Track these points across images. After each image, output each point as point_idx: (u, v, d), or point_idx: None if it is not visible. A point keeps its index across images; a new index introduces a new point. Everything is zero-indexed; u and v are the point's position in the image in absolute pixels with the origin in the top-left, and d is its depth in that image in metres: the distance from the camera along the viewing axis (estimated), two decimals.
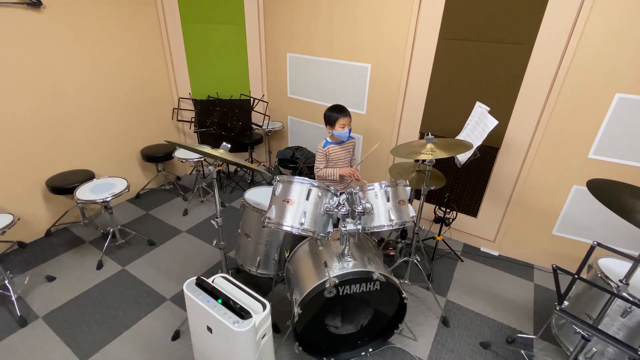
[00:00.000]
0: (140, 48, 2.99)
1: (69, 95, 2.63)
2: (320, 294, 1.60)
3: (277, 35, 3.23)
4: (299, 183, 1.62)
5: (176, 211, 3.12)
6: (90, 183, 2.48)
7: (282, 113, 3.55)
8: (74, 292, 2.21)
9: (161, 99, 3.32)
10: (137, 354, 1.82)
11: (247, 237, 2.09)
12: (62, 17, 2.44)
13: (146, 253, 2.58)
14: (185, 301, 1.47)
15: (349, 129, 2.16)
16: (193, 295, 1.42)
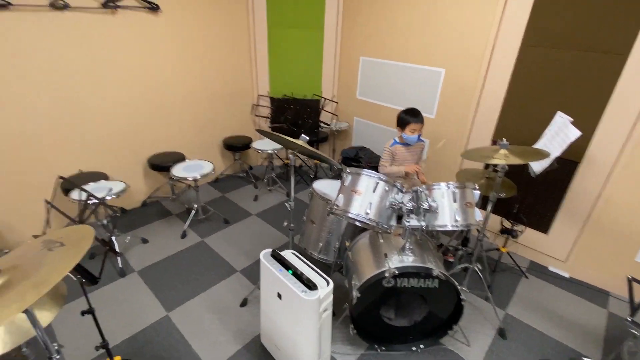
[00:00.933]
0: (230, 48, 3.37)
1: (171, 86, 3.07)
2: (379, 283, 1.70)
3: (353, 39, 3.39)
4: (367, 176, 1.74)
5: (248, 196, 3.44)
6: (183, 163, 2.88)
7: (349, 114, 3.70)
8: (163, 254, 2.59)
9: (243, 95, 3.68)
10: (211, 314, 2.09)
11: (312, 224, 2.26)
12: (174, 20, 2.87)
13: (221, 229, 2.91)
14: (256, 273, 1.68)
15: (419, 135, 2.23)
16: (268, 264, 1.62)
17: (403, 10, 2.89)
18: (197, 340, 1.92)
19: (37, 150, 2.48)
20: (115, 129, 2.83)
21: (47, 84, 2.39)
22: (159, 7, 2.72)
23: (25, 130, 2.39)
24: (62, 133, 2.56)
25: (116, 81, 2.71)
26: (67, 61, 2.43)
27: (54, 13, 2.28)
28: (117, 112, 2.80)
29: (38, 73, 2.33)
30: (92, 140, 2.73)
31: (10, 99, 2.27)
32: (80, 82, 2.53)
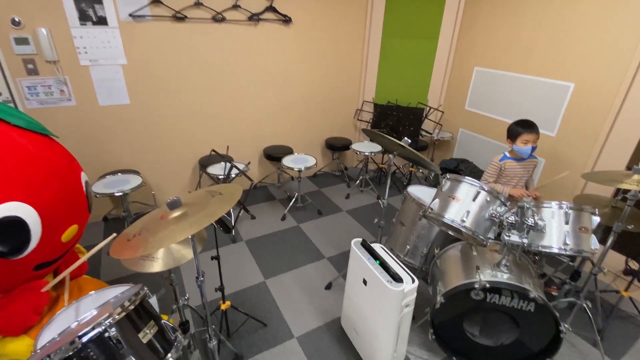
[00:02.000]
0: (345, 57, 3.65)
1: (292, 87, 3.49)
2: (466, 293, 1.67)
3: (469, 49, 3.30)
4: (468, 183, 1.73)
5: (340, 194, 3.66)
6: (291, 156, 3.25)
7: (454, 124, 3.60)
8: (265, 231, 2.97)
9: (349, 100, 3.93)
10: (299, 290, 2.34)
11: (402, 226, 2.32)
12: (301, 31, 3.27)
13: (315, 219, 3.18)
14: (341, 262, 1.83)
15: (532, 147, 2.08)
16: (358, 251, 1.77)
17: (529, 20, 2.72)
18: (286, 308, 2.18)
19: (187, 131, 3.13)
20: (244, 119, 3.36)
21: (205, 78, 3.01)
22: (291, 20, 3.15)
23: (180, 114, 3.05)
24: (202, 119, 3.17)
25: (251, 79, 3.23)
26: (221, 61, 3.02)
27: (215, 25, 2.87)
28: (248, 106, 3.33)
29: (200, 69, 2.96)
30: (225, 127, 3.30)
31: (180, 87, 2.94)
32: (226, 78, 3.11)
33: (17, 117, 1.28)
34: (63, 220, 1.30)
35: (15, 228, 1.12)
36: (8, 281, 1.23)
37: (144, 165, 3.01)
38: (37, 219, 1.17)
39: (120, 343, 0.90)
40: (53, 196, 1.24)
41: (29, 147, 1.22)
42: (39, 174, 1.21)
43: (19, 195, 1.12)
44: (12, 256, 1.14)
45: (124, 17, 2.52)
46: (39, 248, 1.21)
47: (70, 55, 2.47)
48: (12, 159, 1.14)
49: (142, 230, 1.02)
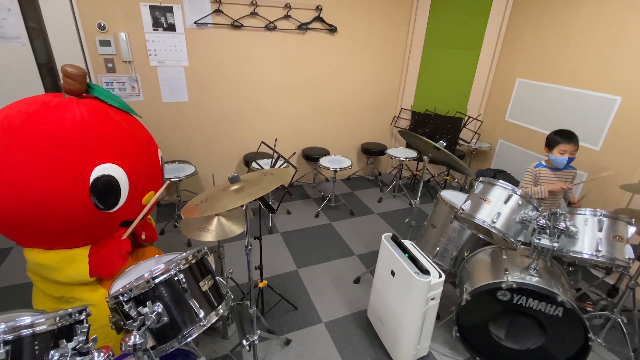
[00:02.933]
0: (386, 64, 3.78)
1: (333, 92, 3.67)
2: (493, 293, 1.72)
3: (511, 60, 3.31)
4: (500, 187, 1.79)
5: (373, 198, 3.76)
6: (328, 157, 3.42)
7: (493, 135, 3.59)
8: (300, 225, 3.15)
9: (387, 106, 4.04)
10: (329, 280, 2.47)
11: (432, 228, 2.39)
12: (347, 39, 3.47)
13: (347, 218, 3.31)
14: (370, 260, 1.94)
15: (570, 158, 2.08)
16: (388, 244, 1.87)
17: (576, 33, 2.70)
18: (316, 296, 2.32)
19: (235, 129, 3.41)
20: (287, 121, 3.60)
21: (254, 81, 3.28)
22: (336, 29, 3.35)
23: (231, 113, 3.33)
24: (249, 118, 3.44)
25: (296, 83, 3.46)
26: (270, 66, 3.28)
27: (267, 32, 3.13)
28: (292, 108, 3.56)
29: (250, 72, 3.24)
30: (269, 126, 3.54)
31: (232, 89, 3.23)
32: (273, 82, 3.36)
33: (113, 99, 1.56)
34: (144, 185, 1.55)
35: (110, 185, 1.37)
36: (101, 232, 1.49)
37: (196, 157, 3.32)
38: (125, 180, 1.42)
39: (186, 286, 1.09)
40: (138, 163, 1.50)
41: (121, 123, 1.48)
42: (128, 145, 1.47)
43: (114, 159, 1.38)
44: (107, 210, 1.40)
45: (189, 24, 2.85)
46: (125, 206, 1.47)
47: (142, 57, 2.83)
48: (109, 131, 1.41)
49: (208, 198, 1.21)
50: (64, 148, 1.27)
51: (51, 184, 1.26)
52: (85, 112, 1.35)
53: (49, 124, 1.27)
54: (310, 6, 3.18)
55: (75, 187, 1.29)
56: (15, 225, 1.30)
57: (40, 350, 0.83)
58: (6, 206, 1.24)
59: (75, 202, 1.31)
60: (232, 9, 2.93)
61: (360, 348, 1.97)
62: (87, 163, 1.31)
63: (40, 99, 1.33)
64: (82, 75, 1.38)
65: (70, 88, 1.37)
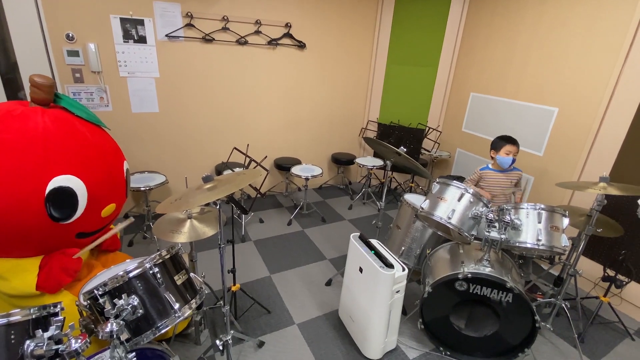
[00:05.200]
0: (353, 79, 4.00)
1: (303, 104, 3.82)
2: (451, 283, 1.87)
3: (465, 76, 3.63)
4: (454, 186, 1.97)
5: (344, 205, 3.89)
6: (299, 166, 3.53)
7: (451, 144, 3.87)
8: (272, 233, 3.20)
9: (355, 118, 4.25)
10: (302, 284, 2.54)
11: (397, 229, 2.54)
12: (315, 54, 3.66)
13: (319, 225, 3.41)
14: (341, 263, 2.05)
15: (513, 159, 2.34)
16: (356, 243, 1.99)
17: (519, 50, 3.04)
18: (289, 300, 2.37)
19: (206, 140, 3.44)
20: (258, 132, 3.68)
21: (225, 93, 3.36)
22: (305, 45, 3.53)
23: (201, 124, 3.38)
24: (220, 130, 3.49)
25: (267, 96, 3.58)
26: (241, 79, 3.38)
27: (238, 47, 3.25)
28: (263, 120, 3.66)
29: (222, 85, 3.31)
30: (241, 138, 3.61)
31: (203, 101, 3.28)
32: (244, 94, 3.45)
33: (80, 110, 1.58)
34: (105, 197, 1.55)
35: (67, 196, 1.37)
36: (55, 243, 1.46)
37: (167, 167, 3.31)
38: (84, 192, 1.42)
39: (161, 280, 1.13)
40: (100, 176, 1.51)
41: (86, 134, 1.50)
42: (91, 156, 1.47)
43: (74, 170, 1.38)
44: (62, 221, 1.39)
45: (161, 37, 2.91)
46: (82, 218, 1.46)
47: (112, 68, 2.83)
48: (72, 142, 1.42)
49: (182, 196, 1.27)
50: (23, 157, 1.27)
51: (8, 192, 1.25)
52: (48, 122, 1.36)
53: (10, 132, 1.27)
54: (280, 23, 3.35)
55: (31, 196, 1.28)
56: None
57: (16, 339, 0.85)
58: None
59: (31, 212, 1.30)
60: (204, 23, 3.03)
61: (332, 346, 2.04)
62: (45, 174, 1.30)
63: (5, 107, 1.33)
64: (49, 85, 1.39)
65: (37, 97, 1.38)
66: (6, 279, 1.39)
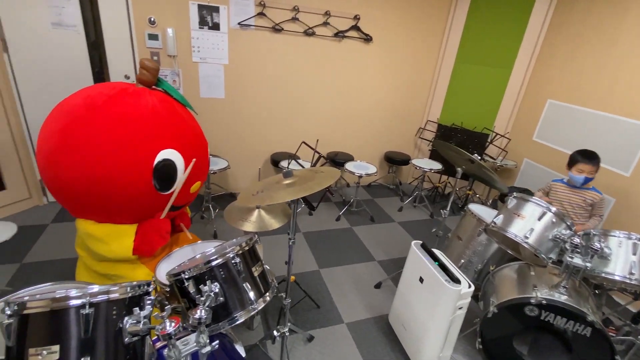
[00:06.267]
0: (416, 76, 3.84)
1: (362, 99, 3.75)
2: (521, 307, 1.73)
3: (543, 81, 3.33)
4: (535, 203, 1.81)
5: (393, 206, 3.79)
6: (353, 162, 3.47)
7: (519, 153, 3.60)
8: (321, 227, 3.20)
9: (413, 117, 4.09)
10: (350, 283, 2.51)
11: (458, 240, 2.42)
12: (380, 49, 3.55)
13: (367, 224, 3.35)
14: (391, 266, 1.98)
15: (586, 178, 2.13)
16: (418, 251, 1.91)
17: (614, 57, 2.72)
18: (337, 297, 2.36)
19: (266, 128, 3.49)
20: (315, 124, 3.68)
21: (288, 83, 3.38)
22: (372, 39, 3.43)
23: (263, 112, 3.43)
24: (280, 119, 3.52)
25: (327, 88, 3.55)
26: (304, 70, 3.38)
27: (305, 38, 3.23)
28: (321, 112, 3.64)
29: (285, 75, 3.33)
30: (298, 129, 3.63)
31: (267, 89, 3.32)
32: (306, 85, 3.45)
33: (177, 94, 1.69)
34: (195, 174, 1.64)
35: (170, 169, 1.46)
36: (150, 212, 1.57)
37: (226, 152, 3.42)
38: (182, 167, 1.51)
39: (241, 270, 1.15)
40: (194, 153, 1.60)
41: (183, 115, 1.58)
42: (188, 136, 1.57)
43: (175, 145, 1.47)
44: (162, 191, 1.48)
45: (233, 24, 2.96)
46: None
47: (186, 52, 2.94)
48: (173, 120, 1.51)
49: (263, 189, 1.28)
50: (137, 130, 1.37)
51: (121, 160, 1.35)
52: (156, 101, 1.45)
53: (126, 107, 1.37)
54: (349, 15, 3.27)
55: (141, 166, 1.39)
56: (80, 196, 1.39)
57: (117, 315, 0.90)
58: (78, 176, 1.33)
59: (140, 180, 1.40)
60: (275, 12, 3.04)
61: (381, 351, 2.00)
62: (155, 146, 1.40)
63: (119, 85, 1.44)
64: (156, 69, 1.50)
65: (144, 79, 1.48)
66: (106, 243, 1.51)
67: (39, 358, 0.78)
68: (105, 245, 1.53)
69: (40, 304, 0.81)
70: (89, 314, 0.85)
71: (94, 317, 0.86)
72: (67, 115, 1.35)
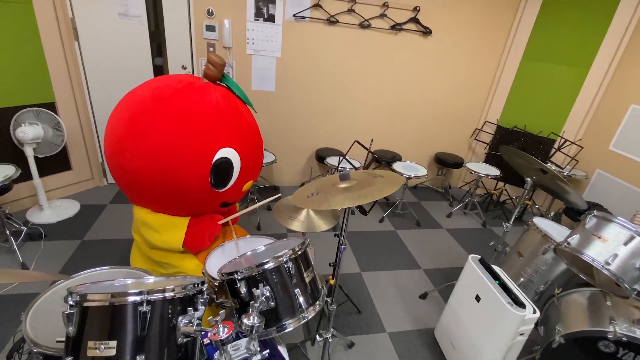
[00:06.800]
0: (476, 73, 3.57)
1: (415, 95, 3.56)
2: (594, 342, 1.53)
3: (627, 83, 2.93)
4: (620, 225, 1.58)
5: (441, 211, 3.59)
6: (401, 162, 3.31)
7: (590, 163, 3.22)
8: (364, 228, 3.10)
9: (469, 117, 3.82)
10: (393, 290, 2.39)
11: (518, 256, 2.20)
12: (439, 43, 3.33)
13: (413, 228, 3.19)
14: (437, 276, 1.83)
15: None
16: (476, 267, 1.75)
17: None
18: (380, 304, 2.26)
19: (313, 122, 3.44)
20: (363, 120, 3.56)
21: (338, 77, 3.29)
22: (431, 32, 3.22)
23: (311, 106, 3.37)
24: (328, 114, 3.45)
25: (378, 83, 3.41)
26: (357, 63, 3.27)
27: (360, 30, 3.11)
28: (370, 108, 3.51)
29: (337, 68, 3.24)
30: (345, 125, 3.53)
31: (316, 83, 3.26)
32: (357, 80, 3.34)
33: (239, 90, 1.68)
34: (248, 173, 1.62)
35: (227, 167, 1.45)
36: (204, 207, 1.58)
37: (272, 145, 3.42)
38: (239, 166, 1.49)
39: (293, 275, 1.10)
40: (249, 153, 1.58)
41: (244, 113, 1.57)
42: (246, 134, 1.56)
43: (235, 144, 1.45)
44: (216, 188, 1.47)
45: (288, 16, 2.91)
46: (230, 189, 1.54)
47: (240, 44, 2.95)
48: (235, 118, 1.49)
49: (318, 191, 1.21)
50: (199, 126, 1.37)
51: (183, 154, 1.35)
52: (220, 98, 1.44)
53: (192, 101, 1.37)
54: (408, 6, 3.09)
55: (200, 161, 1.38)
56: (142, 185, 1.42)
57: (172, 314, 0.88)
58: (141, 167, 1.36)
59: (198, 175, 1.40)
60: (330, 4, 2.94)
61: None
62: (216, 143, 1.39)
63: (186, 79, 1.45)
64: (222, 64, 1.50)
65: (210, 74, 1.49)
66: (159, 232, 1.54)
67: (97, 352, 0.78)
68: (158, 235, 1.56)
69: (100, 298, 0.81)
70: (146, 311, 0.83)
71: (150, 314, 0.84)
72: (135, 105, 1.37)
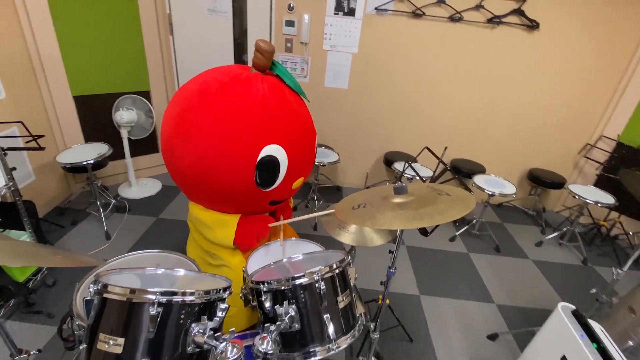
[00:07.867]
0: (594, 75, 2.90)
1: (506, 102, 3.07)
2: None
3: None
4: None
5: (530, 238, 3.04)
6: (484, 175, 2.88)
7: None
8: (430, 244, 2.79)
9: (578, 130, 3.15)
10: (455, 323, 2.08)
11: (630, 312, 1.69)
12: (547, 39, 2.79)
13: (489, 254, 2.76)
14: (514, 316, 1.46)
15: None
16: (567, 319, 1.38)
17: None
18: (437, 335, 1.98)
19: (384, 124, 3.22)
20: (440, 125, 3.21)
21: (417, 77, 3.01)
22: (538, 26, 2.71)
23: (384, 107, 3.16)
24: (401, 116, 3.18)
25: (468, 84, 3.02)
26: (441, 62, 2.95)
27: (449, 24, 2.78)
28: (449, 112, 3.15)
29: (417, 67, 2.97)
30: (419, 128, 3.23)
31: (391, 82, 3.04)
32: (438, 80, 3.01)
33: (290, 79, 1.54)
34: (298, 170, 1.52)
35: (273, 166, 1.38)
36: (253, 206, 1.54)
37: (339, 145, 3.31)
38: (286, 164, 1.41)
39: (324, 298, 0.96)
40: (298, 149, 1.47)
41: (293, 105, 1.46)
42: (295, 129, 1.44)
43: (281, 141, 1.37)
44: (263, 187, 1.42)
45: (370, 10, 2.74)
46: (278, 187, 1.47)
47: (317, 40, 2.89)
48: (283, 112, 1.40)
49: (366, 204, 1.05)
50: (245, 122, 1.31)
51: (226, 153, 1.32)
52: (266, 89, 1.36)
53: (237, 96, 1.32)
54: None
55: (245, 159, 1.33)
56: (189, 182, 1.43)
57: (184, 320, 0.82)
58: (188, 164, 1.36)
59: (241, 174, 1.35)
60: None
61: None
62: (260, 140, 1.32)
63: (233, 71, 1.40)
64: (271, 51, 1.39)
65: (259, 63, 1.40)
66: (212, 229, 1.56)
67: (105, 346, 0.75)
68: (211, 231, 1.57)
69: (120, 292, 0.78)
70: (158, 313, 0.79)
71: (165, 317, 0.80)
72: (184, 101, 1.37)
